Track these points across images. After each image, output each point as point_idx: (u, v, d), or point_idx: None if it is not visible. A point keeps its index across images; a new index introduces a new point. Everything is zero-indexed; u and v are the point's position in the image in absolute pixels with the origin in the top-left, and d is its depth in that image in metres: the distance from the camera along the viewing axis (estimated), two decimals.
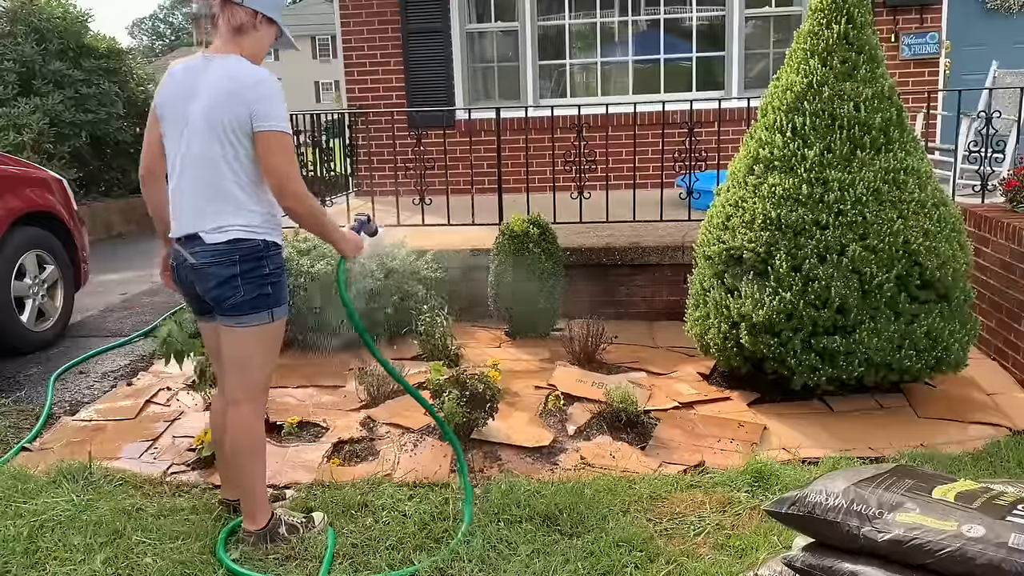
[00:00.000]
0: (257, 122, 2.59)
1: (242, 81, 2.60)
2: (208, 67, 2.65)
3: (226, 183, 2.65)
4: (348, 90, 8.26)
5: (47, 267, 5.38)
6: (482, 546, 2.83)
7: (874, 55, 3.94)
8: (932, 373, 3.92)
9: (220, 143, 2.61)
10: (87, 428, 3.99)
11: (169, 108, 2.70)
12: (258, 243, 2.70)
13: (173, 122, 2.69)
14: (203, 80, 2.63)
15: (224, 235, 2.66)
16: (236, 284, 2.68)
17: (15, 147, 8.70)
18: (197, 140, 2.63)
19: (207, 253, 2.67)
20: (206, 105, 2.60)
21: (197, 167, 2.65)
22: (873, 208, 3.79)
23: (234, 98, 2.58)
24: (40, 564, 2.77)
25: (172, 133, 2.70)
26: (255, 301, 2.71)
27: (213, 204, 2.66)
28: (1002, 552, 1.92)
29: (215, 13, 2.67)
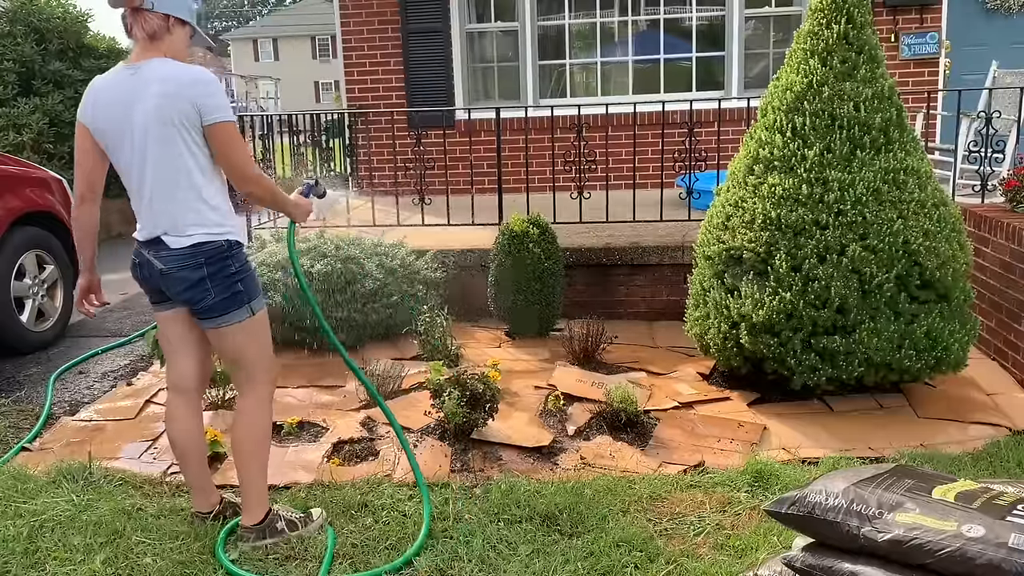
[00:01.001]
0: (206, 116, 2.62)
1: (180, 80, 2.61)
2: (139, 74, 2.64)
3: (185, 185, 2.67)
4: (348, 90, 8.26)
5: (47, 267, 5.38)
6: (482, 546, 2.83)
7: (874, 55, 3.94)
8: (932, 373, 3.92)
9: (173, 144, 2.63)
10: (87, 428, 3.99)
11: (106, 123, 2.70)
12: (221, 244, 2.72)
13: (116, 135, 2.69)
14: (139, 88, 2.63)
15: (188, 239, 2.69)
16: (206, 287, 2.71)
17: (15, 147, 8.70)
18: (151, 146, 2.63)
19: (173, 258, 2.70)
20: (153, 109, 2.60)
21: (155, 172, 2.66)
22: (873, 208, 3.79)
23: (177, 98, 2.59)
24: (40, 564, 2.77)
25: (118, 145, 2.71)
26: (228, 301, 2.74)
27: (174, 208, 2.68)
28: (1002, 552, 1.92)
29: (129, 23, 2.68)
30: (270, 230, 5.84)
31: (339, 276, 4.90)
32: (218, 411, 4.06)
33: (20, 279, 5.13)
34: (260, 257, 5.05)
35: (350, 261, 5.00)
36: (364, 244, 5.25)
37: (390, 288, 5.04)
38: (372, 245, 5.27)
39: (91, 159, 2.81)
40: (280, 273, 4.84)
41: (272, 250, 5.12)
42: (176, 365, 2.95)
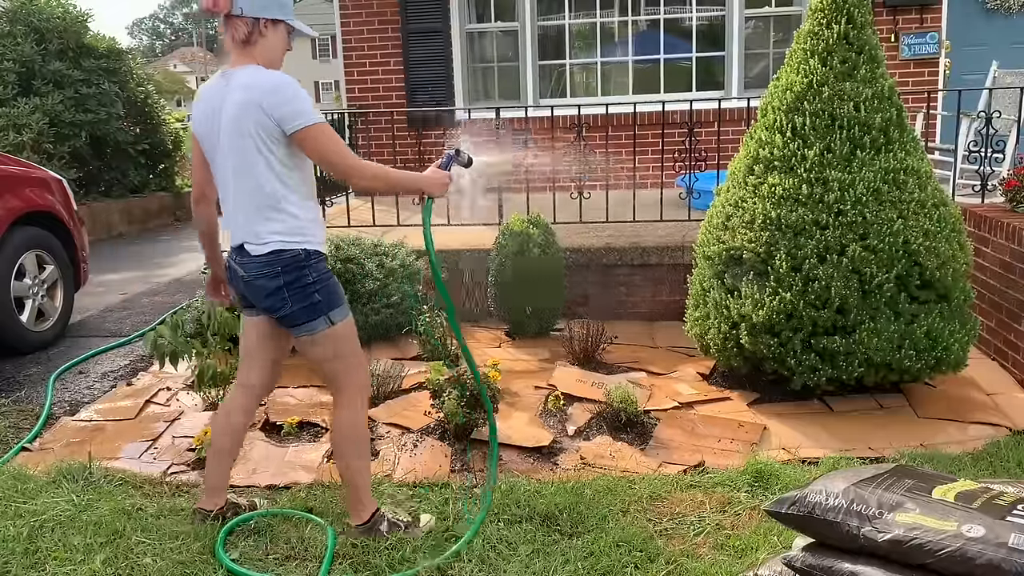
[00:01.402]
0: (287, 125, 2.60)
1: (258, 89, 2.60)
2: (229, 82, 2.67)
3: (263, 194, 2.68)
4: (348, 90, 8.26)
5: (47, 267, 5.37)
6: (482, 546, 2.83)
7: (874, 55, 3.94)
8: (932, 373, 3.92)
9: (252, 154, 2.64)
10: (87, 428, 3.99)
11: (203, 129, 2.74)
12: (298, 252, 2.71)
13: (209, 142, 2.73)
14: (226, 95, 2.65)
15: (265, 246, 2.69)
16: (283, 295, 2.70)
17: (15, 147, 8.70)
18: (232, 154, 2.66)
19: (253, 265, 2.72)
20: (232, 118, 2.62)
21: (237, 180, 2.69)
22: (873, 208, 3.79)
23: (254, 107, 2.59)
24: (40, 564, 2.77)
25: (211, 152, 2.75)
26: (306, 311, 2.72)
27: (253, 215, 2.70)
28: (1002, 552, 1.92)
29: (223, 31, 2.70)
30: None
31: (339, 276, 4.90)
32: None
33: (20, 279, 5.13)
34: None
35: (350, 261, 5.00)
36: (364, 244, 5.24)
37: (390, 288, 5.04)
38: (372, 245, 5.27)
39: (198, 162, 2.85)
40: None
41: None
42: (248, 367, 2.95)
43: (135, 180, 10.72)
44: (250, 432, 3.84)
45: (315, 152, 2.68)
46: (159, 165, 11.44)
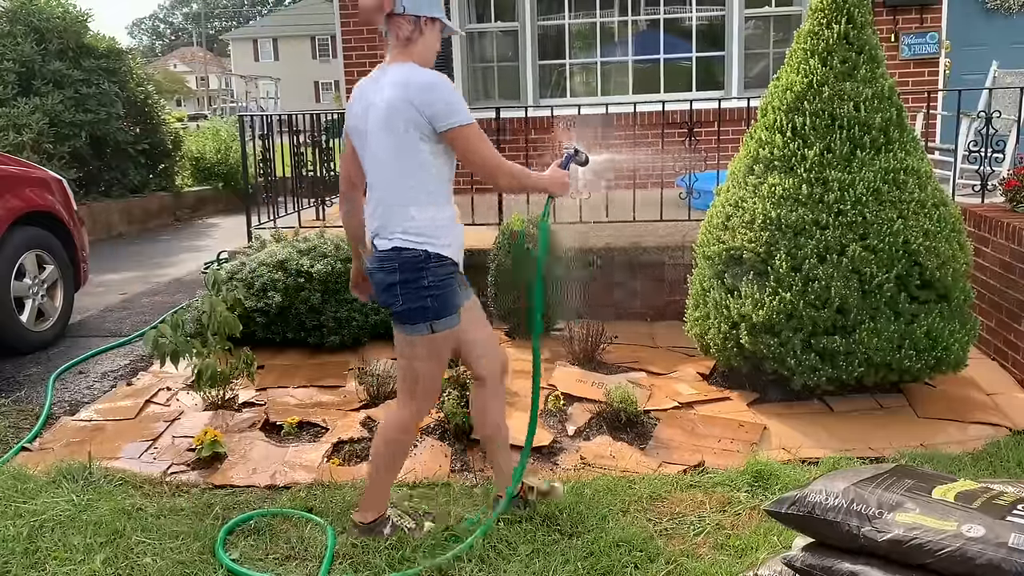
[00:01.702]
0: (440, 123, 2.63)
1: (416, 86, 2.62)
2: (383, 77, 2.71)
3: (400, 190, 2.70)
4: (348, 90, 8.25)
5: (47, 267, 5.38)
6: (482, 546, 2.83)
7: (874, 55, 3.94)
8: (932, 373, 3.93)
9: (397, 150, 2.67)
10: (87, 428, 3.99)
11: (355, 123, 2.77)
12: (418, 253, 2.70)
13: (360, 136, 2.76)
14: (379, 91, 2.68)
15: (388, 242, 2.71)
16: (396, 292, 2.72)
17: (15, 147, 8.70)
18: (379, 149, 2.70)
19: (375, 259, 2.76)
20: (383, 114, 2.65)
21: (379, 175, 2.73)
22: (873, 208, 3.79)
23: (408, 104, 2.61)
24: (40, 564, 2.77)
25: (361, 146, 2.77)
26: (415, 312, 2.73)
27: (386, 210, 2.72)
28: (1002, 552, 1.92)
29: (384, 29, 2.72)
30: (270, 230, 5.84)
31: (339, 276, 4.91)
32: (218, 411, 4.06)
33: (20, 279, 5.13)
34: (260, 257, 5.05)
35: (350, 261, 5.00)
36: None
37: None
38: None
39: (348, 154, 2.87)
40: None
41: (272, 250, 5.12)
42: (479, 359, 3.00)
43: (135, 180, 10.71)
44: (249, 432, 3.85)
45: (465, 151, 2.72)
46: (159, 165, 11.44)
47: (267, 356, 4.82)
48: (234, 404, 4.19)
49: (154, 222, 10.89)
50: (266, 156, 6.43)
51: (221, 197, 12.37)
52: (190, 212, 11.75)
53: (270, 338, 4.97)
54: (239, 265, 5.08)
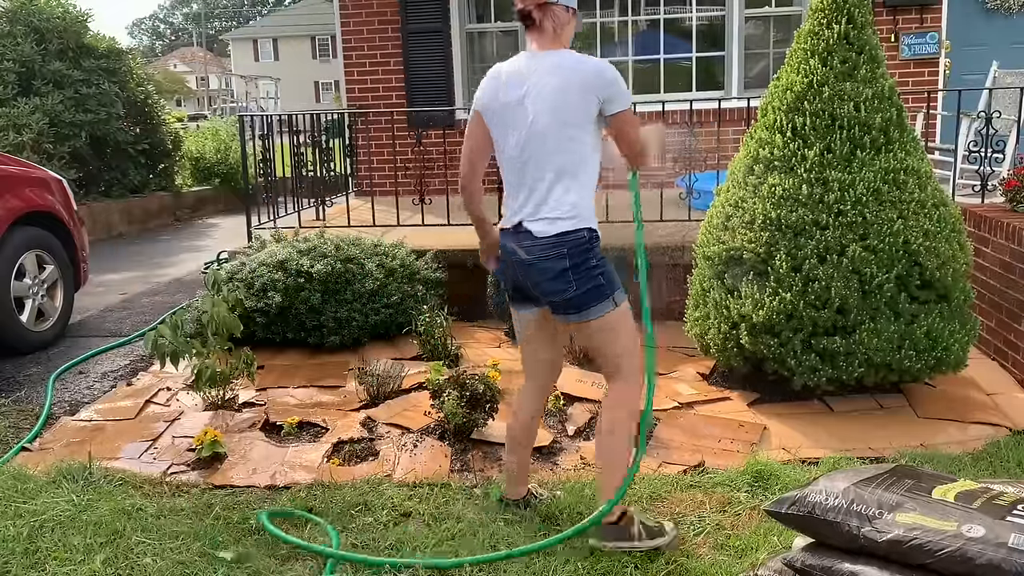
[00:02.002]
0: (611, 106, 2.69)
1: (590, 71, 2.68)
2: (541, 64, 2.71)
3: (563, 174, 2.70)
4: (348, 90, 8.26)
5: (47, 267, 5.38)
6: (482, 546, 2.83)
7: (874, 55, 3.94)
8: (932, 373, 3.92)
9: (564, 134, 2.68)
10: (87, 428, 3.99)
11: (498, 105, 2.76)
12: (583, 234, 2.71)
13: (503, 118, 2.75)
14: (542, 75, 2.69)
15: (553, 226, 2.69)
16: (568, 278, 2.69)
17: (15, 147, 8.70)
18: (544, 132, 2.69)
19: (537, 247, 2.71)
20: (549, 98, 2.66)
21: (536, 159, 2.71)
22: (873, 208, 3.79)
23: (583, 88, 2.66)
24: (40, 564, 2.77)
25: (501, 129, 2.76)
26: (591, 294, 2.72)
27: (548, 196, 2.70)
28: (1002, 552, 1.92)
29: (536, 18, 2.71)
30: (270, 230, 5.85)
31: (339, 276, 4.91)
32: (218, 411, 4.06)
33: (20, 279, 5.13)
34: (260, 257, 5.05)
35: (350, 261, 5.01)
36: (364, 244, 5.25)
37: (390, 288, 5.05)
38: (372, 245, 5.27)
39: (474, 140, 2.86)
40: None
41: (272, 250, 5.12)
42: (538, 359, 2.98)
43: (135, 180, 10.71)
44: (249, 432, 3.85)
45: (625, 134, 2.76)
46: (159, 165, 11.43)
47: (267, 356, 4.82)
48: (234, 404, 4.19)
49: (154, 222, 10.89)
50: (266, 156, 6.43)
51: (221, 197, 12.37)
52: (190, 212, 11.75)
53: (270, 338, 4.97)
54: (239, 265, 5.08)
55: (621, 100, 2.71)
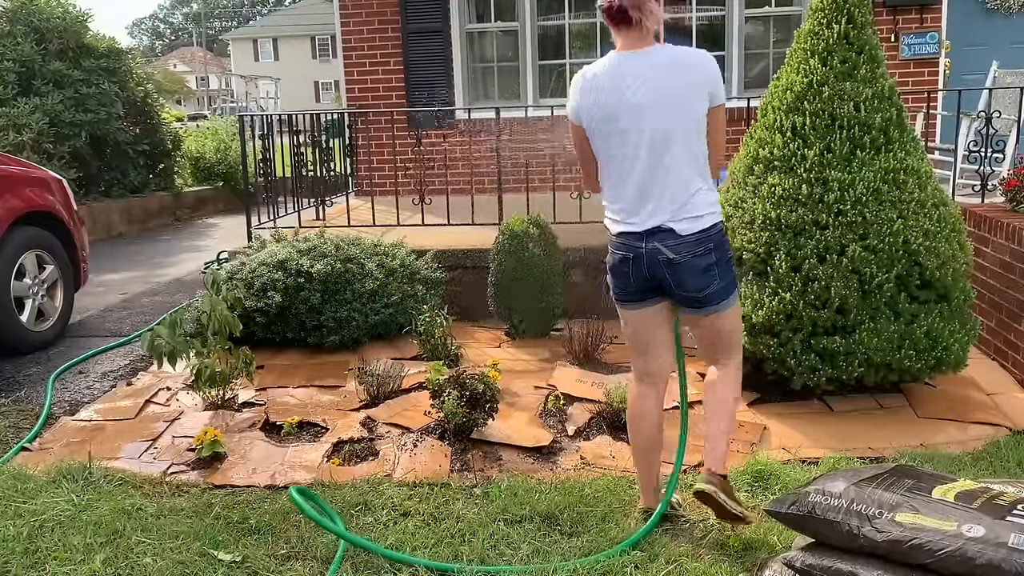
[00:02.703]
0: (716, 101, 2.72)
1: (704, 65, 2.69)
2: (651, 62, 2.67)
3: (692, 171, 2.71)
4: (348, 90, 8.26)
5: (47, 267, 5.38)
6: (482, 546, 2.83)
7: (874, 55, 3.94)
8: (932, 373, 3.92)
9: (685, 132, 2.68)
10: (87, 428, 3.99)
11: (602, 110, 2.70)
12: (719, 225, 2.76)
13: (616, 123, 2.69)
14: (658, 71, 2.66)
15: (697, 223, 2.70)
16: (714, 273, 2.72)
17: (15, 147, 8.70)
18: (670, 128, 2.67)
19: (685, 245, 2.69)
20: (676, 94, 2.65)
21: (665, 158, 2.68)
22: (873, 208, 3.79)
23: (701, 84, 2.68)
24: (40, 564, 2.77)
25: (615, 135, 2.71)
26: (730, 286, 2.79)
27: (681, 193, 2.70)
28: (1002, 552, 1.92)
29: (635, 17, 2.65)
30: (270, 230, 5.85)
31: (339, 276, 4.91)
32: (218, 411, 4.06)
33: (20, 279, 5.12)
34: (260, 257, 5.05)
35: (350, 261, 5.01)
36: (364, 244, 5.25)
37: (390, 288, 5.05)
38: (372, 245, 5.27)
39: (582, 148, 2.84)
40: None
41: (272, 250, 5.12)
42: (657, 358, 2.94)
43: (135, 180, 10.71)
44: (249, 432, 3.85)
45: (718, 127, 2.80)
46: (159, 165, 11.43)
47: (267, 356, 4.82)
48: (234, 404, 4.19)
49: (154, 222, 10.89)
50: (266, 156, 6.43)
51: (221, 197, 12.37)
52: (190, 212, 11.75)
53: (270, 338, 4.97)
54: (239, 265, 5.08)
55: (721, 94, 2.74)
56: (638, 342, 2.96)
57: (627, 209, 2.76)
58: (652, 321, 2.89)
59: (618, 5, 2.65)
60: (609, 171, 2.79)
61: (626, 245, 2.77)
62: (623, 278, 2.84)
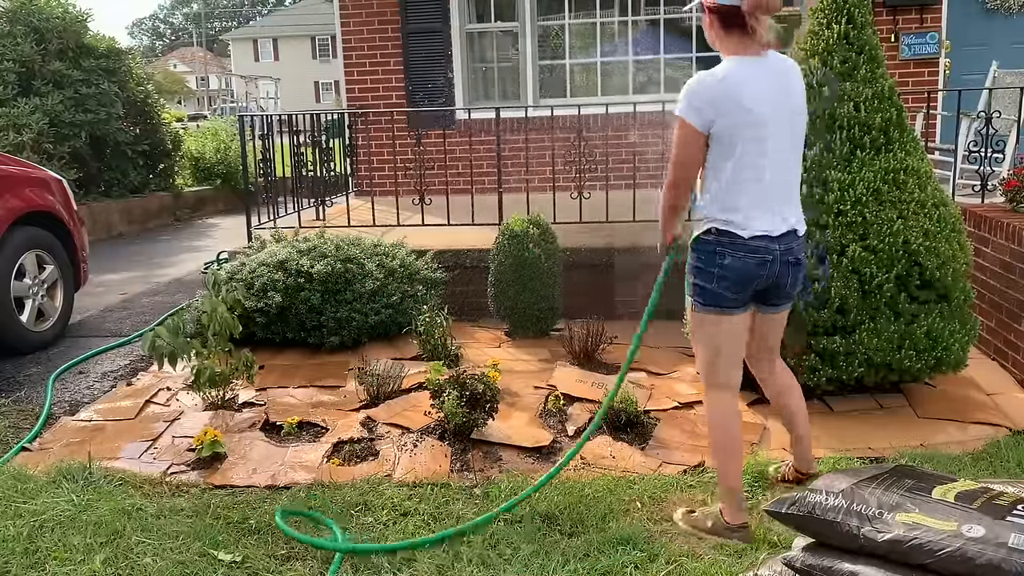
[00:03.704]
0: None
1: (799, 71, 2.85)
2: (780, 67, 2.78)
3: (798, 175, 2.87)
4: (348, 90, 8.27)
5: (47, 267, 5.38)
6: (482, 546, 2.83)
7: (874, 55, 3.94)
8: (932, 373, 3.92)
9: (799, 138, 2.82)
10: (87, 428, 3.99)
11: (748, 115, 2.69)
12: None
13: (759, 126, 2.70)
14: (787, 78, 2.77)
15: (804, 226, 2.87)
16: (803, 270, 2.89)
17: (15, 147, 8.70)
18: (793, 137, 2.79)
19: (801, 248, 2.86)
20: (801, 101, 2.79)
21: (793, 163, 2.82)
22: (873, 208, 3.79)
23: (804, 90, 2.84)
24: (40, 564, 2.77)
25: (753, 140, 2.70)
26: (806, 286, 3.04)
27: (796, 196, 2.86)
28: (1002, 552, 1.92)
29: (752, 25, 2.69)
30: (270, 230, 5.85)
31: (339, 276, 4.91)
32: (218, 411, 4.06)
33: (20, 279, 5.13)
34: (260, 257, 5.05)
35: (350, 261, 5.00)
36: (364, 244, 5.25)
37: (390, 288, 5.05)
38: (372, 245, 5.27)
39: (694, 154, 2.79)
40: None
41: (272, 250, 5.12)
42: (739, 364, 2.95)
43: (135, 180, 10.71)
44: (249, 432, 3.85)
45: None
46: (159, 165, 11.44)
47: (267, 356, 4.82)
48: (234, 404, 4.19)
49: (154, 222, 10.89)
50: (266, 156, 6.43)
51: (221, 197, 12.37)
52: (190, 212, 11.75)
53: (270, 338, 4.97)
54: (239, 265, 5.08)
55: None
56: (729, 350, 2.90)
57: (761, 213, 2.75)
58: (744, 326, 2.92)
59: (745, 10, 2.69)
60: (742, 175, 2.73)
61: (763, 248, 2.75)
62: (747, 283, 2.79)
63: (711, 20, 2.77)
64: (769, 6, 2.66)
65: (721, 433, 2.93)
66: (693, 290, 2.88)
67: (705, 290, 2.83)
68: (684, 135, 2.73)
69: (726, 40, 2.75)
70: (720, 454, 2.94)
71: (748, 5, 2.65)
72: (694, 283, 2.87)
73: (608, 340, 4.72)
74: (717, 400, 2.92)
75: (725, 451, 2.92)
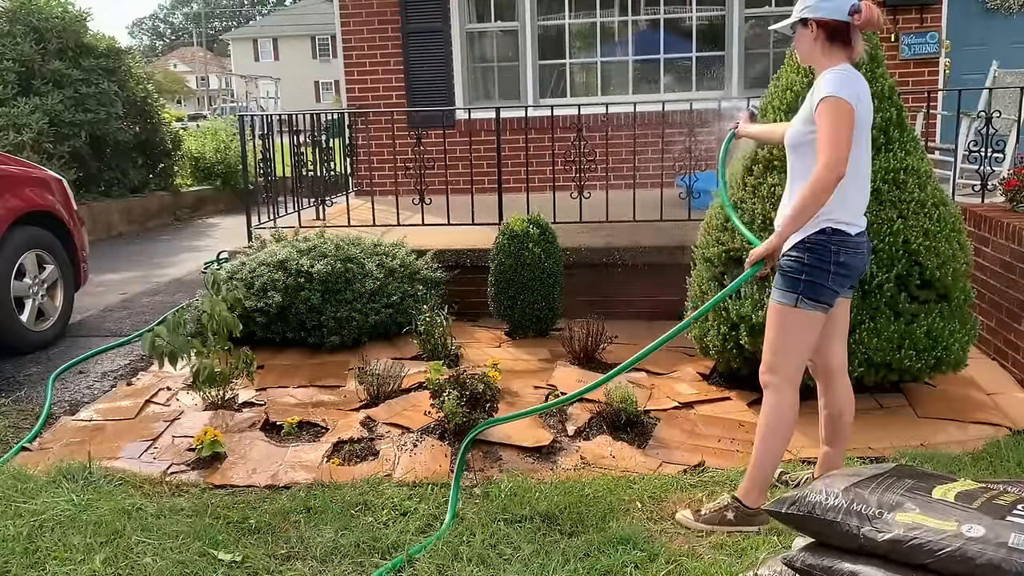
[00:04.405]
0: None
1: None
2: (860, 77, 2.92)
3: None
4: (348, 90, 8.26)
5: (47, 267, 5.38)
6: (482, 546, 2.83)
7: (874, 55, 3.93)
8: (932, 373, 3.92)
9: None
10: (87, 428, 3.99)
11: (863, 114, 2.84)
12: None
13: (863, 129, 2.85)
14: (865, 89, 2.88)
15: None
16: None
17: (15, 147, 8.70)
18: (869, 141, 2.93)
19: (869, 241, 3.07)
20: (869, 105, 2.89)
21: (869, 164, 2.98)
22: (873, 208, 3.78)
23: None
24: (40, 564, 2.77)
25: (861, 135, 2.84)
26: None
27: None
28: (1002, 552, 1.92)
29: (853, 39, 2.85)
30: (270, 230, 5.85)
31: (339, 276, 4.91)
32: (218, 411, 4.06)
33: (20, 279, 5.13)
34: (260, 257, 5.05)
35: (350, 261, 5.00)
36: (364, 244, 5.25)
37: (390, 288, 5.05)
38: (372, 245, 5.27)
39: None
40: None
41: (272, 250, 5.12)
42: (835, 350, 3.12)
43: (135, 180, 10.71)
44: (249, 432, 3.85)
45: None
46: (159, 165, 11.43)
47: (267, 356, 4.82)
48: (234, 404, 4.19)
49: (154, 222, 10.89)
50: (266, 156, 6.43)
51: (221, 197, 12.37)
52: (190, 212, 11.74)
53: (270, 338, 4.97)
54: (239, 265, 5.08)
55: None
56: (812, 343, 3.01)
57: (861, 208, 2.93)
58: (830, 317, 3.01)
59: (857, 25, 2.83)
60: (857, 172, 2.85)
61: (863, 243, 2.94)
62: (855, 277, 2.99)
63: (817, 33, 2.86)
64: (878, 23, 2.84)
65: (778, 418, 3.03)
66: (802, 289, 2.86)
67: (819, 288, 2.85)
68: (847, 111, 2.72)
69: (829, 52, 2.87)
70: (773, 439, 3.02)
71: (862, 22, 2.80)
72: (806, 281, 2.84)
73: (608, 340, 4.72)
74: (788, 391, 3.04)
75: (779, 436, 3.04)
